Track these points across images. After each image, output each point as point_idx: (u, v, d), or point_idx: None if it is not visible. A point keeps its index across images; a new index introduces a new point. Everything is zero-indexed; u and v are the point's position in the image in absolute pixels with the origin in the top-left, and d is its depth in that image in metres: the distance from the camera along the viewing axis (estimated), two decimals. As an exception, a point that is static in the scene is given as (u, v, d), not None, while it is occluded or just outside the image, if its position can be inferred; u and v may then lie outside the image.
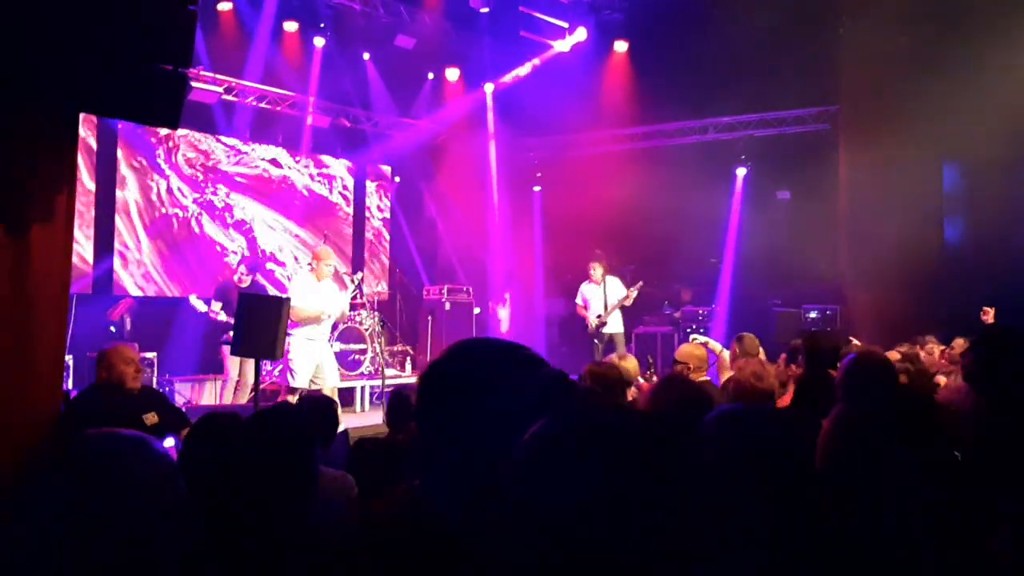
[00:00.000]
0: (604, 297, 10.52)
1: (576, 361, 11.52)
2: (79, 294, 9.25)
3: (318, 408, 4.09)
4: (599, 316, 10.47)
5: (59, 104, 2.85)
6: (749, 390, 4.04)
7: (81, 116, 3.72)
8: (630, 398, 4.81)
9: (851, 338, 8.10)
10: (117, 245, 10.63)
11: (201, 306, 8.82)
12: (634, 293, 10.44)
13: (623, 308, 10.60)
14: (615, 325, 10.60)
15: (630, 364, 5.15)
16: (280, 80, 11.69)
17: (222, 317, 8.76)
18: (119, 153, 10.75)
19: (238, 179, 12.05)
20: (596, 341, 10.51)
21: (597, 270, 10.58)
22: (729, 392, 4.44)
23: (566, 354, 12.51)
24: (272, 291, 10.94)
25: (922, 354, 6.53)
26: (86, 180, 10.26)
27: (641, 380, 5.52)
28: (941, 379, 5.61)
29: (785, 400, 4.37)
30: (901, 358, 5.38)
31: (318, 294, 7.77)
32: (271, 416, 2.41)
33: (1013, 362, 3.09)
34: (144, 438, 1.45)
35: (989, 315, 8.10)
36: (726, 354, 6.36)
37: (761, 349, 6.18)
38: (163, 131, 10.88)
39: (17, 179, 2.80)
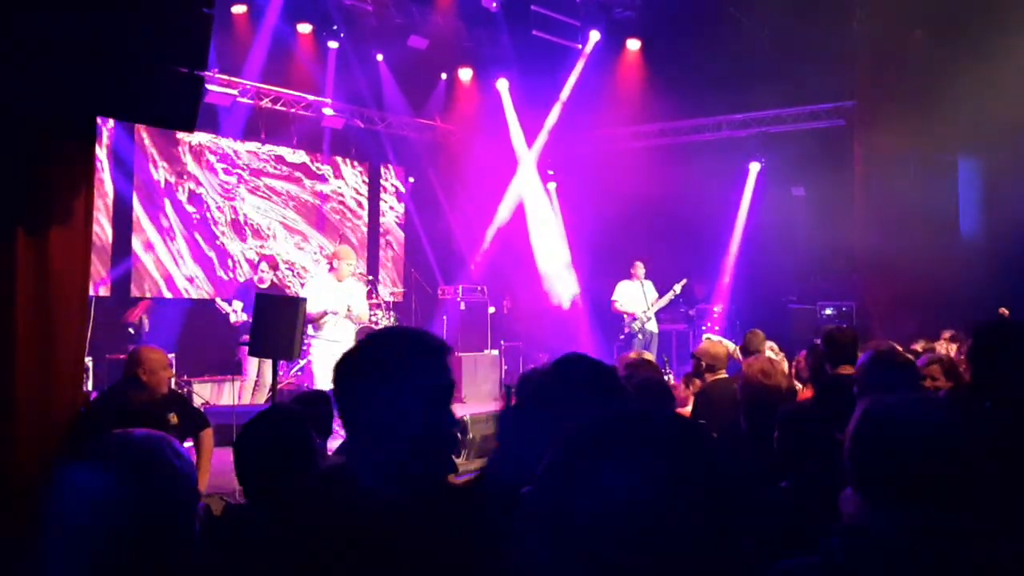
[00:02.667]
0: (644, 295, 10.70)
1: (600, 357, 11.51)
2: (97, 296, 9.33)
3: (311, 403, 4.17)
4: (644, 312, 10.65)
5: (76, 109, 2.88)
6: (757, 387, 4.04)
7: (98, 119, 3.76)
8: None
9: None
10: (135, 247, 10.71)
11: (227, 307, 8.88)
12: (678, 289, 10.67)
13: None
14: (654, 324, 10.85)
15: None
16: (295, 82, 11.75)
17: (242, 317, 8.79)
18: (137, 155, 10.84)
19: (253, 181, 12.12)
20: (640, 336, 10.69)
21: (640, 268, 10.83)
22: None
23: (591, 348, 12.50)
24: (291, 292, 10.99)
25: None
26: (105, 182, 10.35)
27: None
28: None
29: (802, 395, 4.36)
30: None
31: (334, 293, 7.75)
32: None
33: (1014, 357, 2.81)
34: (166, 438, 1.51)
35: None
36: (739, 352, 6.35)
37: (773, 344, 6.17)
38: (179, 134, 10.96)
39: (35, 183, 2.83)
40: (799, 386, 4.95)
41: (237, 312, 8.82)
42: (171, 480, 1.44)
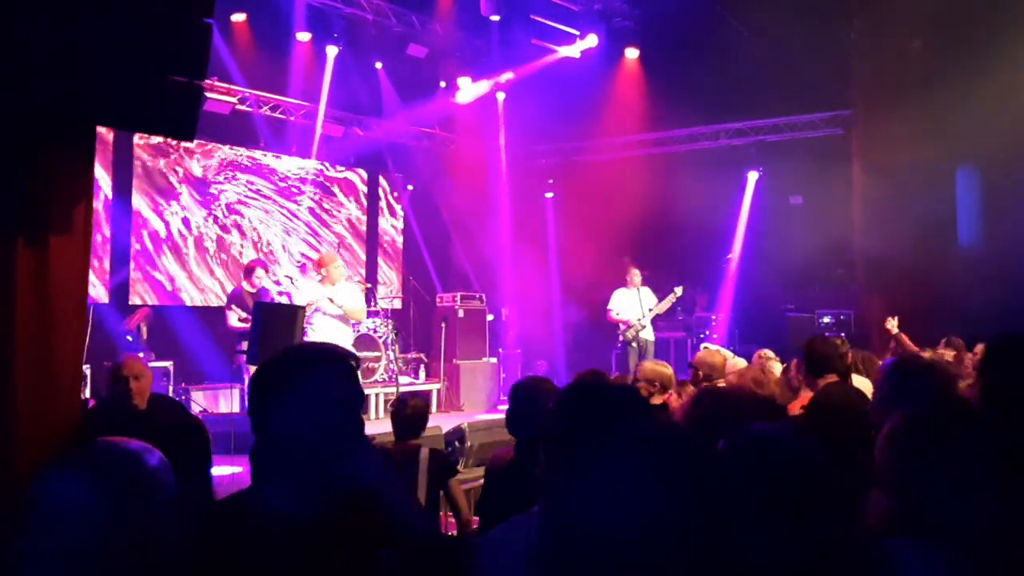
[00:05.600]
0: (640, 303, 10.64)
1: (597, 365, 11.51)
2: (96, 303, 9.33)
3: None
4: (639, 319, 10.58)
5: (75, 118, 2.89)
6: (750, 397, 4.05)
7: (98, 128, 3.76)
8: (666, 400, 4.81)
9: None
10: (133, 254, 10.71)
11: (241, 313, 8.82)
12: (679, 291, 10.64)
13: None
14: (650, 332, 10.79)
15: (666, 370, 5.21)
16: (293, 90, 11.77)
17: (237, 324, 8.77)
18: (136, 163, 10.85)
19: (251, 189, 12.13)
20: (634, 345, 10.62)
21: (636, 276, 10.75)
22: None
23: (582, 360, 12.49)
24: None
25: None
26: (104, 190, 10.35)
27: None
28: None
29: (795, 406, 4.36)
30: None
31: (331, 295, 7.79)
32: None
33: None
34: (147, 447, 1.52)
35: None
36: (733, 361, 6.31)
37: (769, 351, 6.15)
38: (179, 142, 10.96)
39: (35, 192, 2.84)
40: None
41: (237, 317, 8.77)
42: (152, 490, 1.46)
